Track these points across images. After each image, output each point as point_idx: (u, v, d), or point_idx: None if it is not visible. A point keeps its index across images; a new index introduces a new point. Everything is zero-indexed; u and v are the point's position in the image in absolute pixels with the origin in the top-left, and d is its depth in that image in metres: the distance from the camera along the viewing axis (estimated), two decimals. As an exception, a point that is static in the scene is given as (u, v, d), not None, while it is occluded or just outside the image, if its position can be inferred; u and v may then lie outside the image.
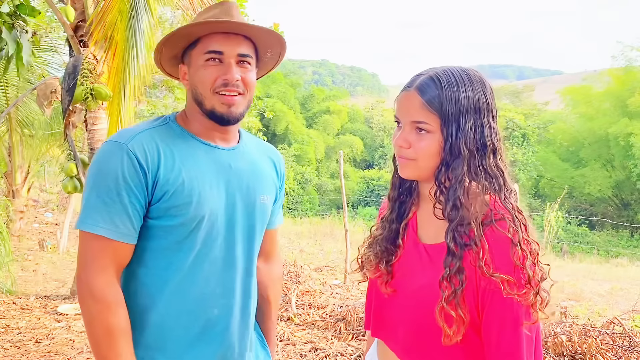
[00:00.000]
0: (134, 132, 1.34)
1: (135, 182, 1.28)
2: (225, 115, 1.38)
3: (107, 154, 1.30)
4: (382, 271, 1.30)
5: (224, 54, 1.36)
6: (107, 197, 1.26)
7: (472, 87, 1.14)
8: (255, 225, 1.49)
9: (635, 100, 22.08)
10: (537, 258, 1.10)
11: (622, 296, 7.25)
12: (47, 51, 7.83)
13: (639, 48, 23.99)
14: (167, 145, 1.35)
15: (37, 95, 5.33)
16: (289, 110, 32.41)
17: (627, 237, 20.94)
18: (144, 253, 1.35)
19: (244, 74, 1.38)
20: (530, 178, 26.02)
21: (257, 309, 1.66)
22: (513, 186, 1.19)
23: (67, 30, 4.31)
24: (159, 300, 1.36)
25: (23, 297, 5.52)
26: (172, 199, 1.31)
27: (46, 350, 3.93)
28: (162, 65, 1.48)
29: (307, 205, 25.43)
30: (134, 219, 1.29)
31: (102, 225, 1.26)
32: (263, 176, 1.53)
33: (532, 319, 1.08)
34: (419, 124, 1.14)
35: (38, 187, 16.21)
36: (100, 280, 1.26)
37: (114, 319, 1.26)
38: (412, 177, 1.22)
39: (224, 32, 1.36)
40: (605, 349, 3.54)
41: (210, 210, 1.36)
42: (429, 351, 1.20)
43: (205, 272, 1.38)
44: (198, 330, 1.39)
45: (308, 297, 5.23)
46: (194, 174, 1.35)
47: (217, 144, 1.44)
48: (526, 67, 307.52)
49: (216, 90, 1.36)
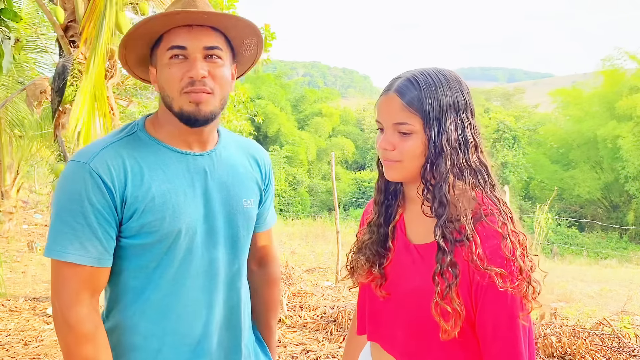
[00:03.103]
0: (98, 148, 1.24)
1: (102, 203, 1.19)
2: (192, 114, 1.25)
3: (70, 176, 1.22)
4: (375, 275, 1.31)
5: (187, 49, 1.23)
6: (74, 222, 1.18)
7: (450, 86, 1.16)
8: (238, 233, 1.40)
9: (623, 103, 22.29)
10: (526, 249, 1.12)
11: (611, 297, 7.31)
12: (37, 51, 7.77)
13: (628, 51, 24.24)
14: (134, 159, 1.25)
15: (26, 95, 5.29)
16: (280, 112, 32.39)
17: (616, 238, 21.11)
18: (122, 273, 1.28)
19: (212, 69, 1.24)
20: (521, 180, 26.19)
21: (255, 313, 1.61)
22: (496, 180, 1.21)
23: (57, 30, 4.28)
24: (141, 321, 1.29)
25: (12, 299, 5.47)
26: (143, 217, 1.23)
27: (35, 353, 3.90)
28: (132, 70, 1.37)
29: (299, 207, 25.39)
30: (105, 241, 1.21)
31: (71, 251, 1.18)
32: (245, 179, 1.44)
33: (527, 309, 1.10)
34: (401, 126, 1.16)
35: (27, 188, 16.05)
36: (76, 310, 1.19)
37: (91, 350, 1.20)
38: (399, 179, 1.23)
39: (187, 25, 1.23)
40: (595, 350, 3.56)
41: (187, 223, 1.27)
42: (429, 351, 1.21)
43: (187, 288, 1.30)
44: (186, 349, 1.32)
45: (299, 299, 5.23)
46: (165, 186, 1.26)
47: (192, 149, 1.34)
48: (517, 69, 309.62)
49: (184, 90, 1.23)
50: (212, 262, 1.34)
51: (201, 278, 1.33)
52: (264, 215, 1.57)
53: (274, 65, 51.84)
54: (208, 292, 1.34)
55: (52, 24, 4.28)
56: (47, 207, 14.51)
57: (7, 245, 8.96)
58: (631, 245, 20.14)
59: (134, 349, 1.30)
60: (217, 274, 1.36)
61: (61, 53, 4.40)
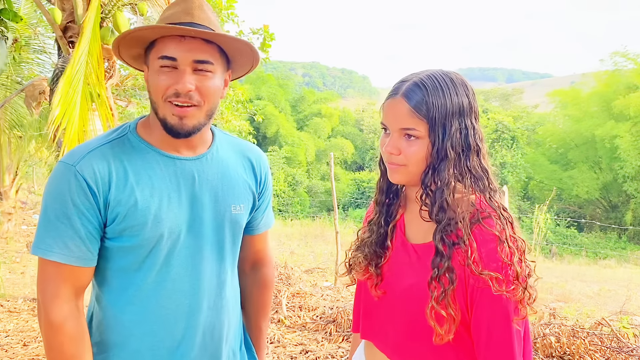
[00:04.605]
0: (86, 150, 1.26)
1: (86, 205, 1.21)
2: (175, 127, 1.25)
3: (56, 177, 1.24)
4: (371, 273, 1.31)
5: (177, 60, 1.22)
6: (58, 222, 1.21)
7: (456, 91, 1.16)
8: (224, 239, 1.39)
9: (620, 103, 22.33)
10: (524, 255, 1.12)
11: (610, 297, 7.31)
12: (37, 51, 7.76)
13: (625, 52, 24.28)
14: (120, 163, 1.26)
15: (25, 96, 5.29)
16: (279, 113, 32.42)
17: (615, 239, 21.14)
18: (105, 273, 1.30)
19: (200, 83, 1.24)
20: (520, 180, 26.23)
21: (246, 315, 1.62)
22: (497, 185, 1.21)
23: (55, 31, 4.27)
24: (121, 321, 1.30)
25: (11, 299, 5.47)
26: (125, 220, 1.24)
27: (34, 354, 3.90)
28: (127, 63, 1.38)
29: (298, 207, 25.42)
30: (88, 241, 1.23)
31: (55, 250, 1.20)
32: (236, 184, 1.42)
33: (521, 315, 1.10)
34: (408, 131, 1.16)
35: (26, 189, 16.04)
36: (58, 308, 1.21)
37: (71, 347, 1.22)
38: (402, 182, 1.24)
39: (179, 35, 1.22)
40: (594, 350, 3.57)
41: (169, 228, 1.28)
42: (420, 350, 1.21)
43: (167, 291, 1.31)
44: (165, 351, 1.32)
45: (298, 299, 5.23)
46: (149, 191, 1.27)
47: (181, 153, 1.33)
48: (516, 70, 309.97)
49: (167, 98, 1.23)
50: (196, 267, 1.34)
51: (183, 282, 1.33)
52: (258, 219, 1.56)
53: (273, 66, 51.85)
54: (190, 297, 1.34)
55: (51, 24, 4.28)
56: (46, 207, 14.47)
57: (6, 246, 8.95)
58: (630, 245, 20.17)
59: (114, 346, 1.32)
60: (200, 278, 1.35)
61: (60, 53, 4.40)
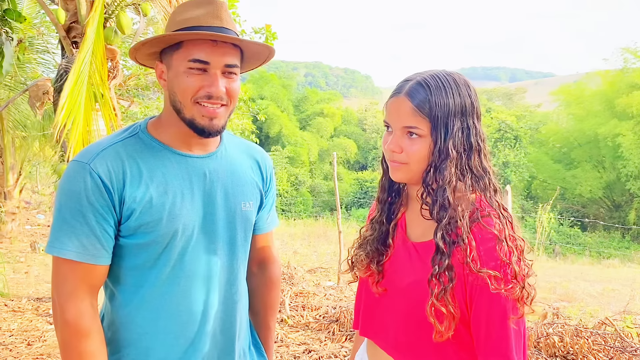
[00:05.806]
0: (99, 148, 1.27)
1: (101, 202, 1.23)
2: (206, 128, 1.29)
3: (70, 175, 1.25)
4: (373, 271, 1.33)
5: (210, 64, 1.25)
6: (74, 220, 1.22)
7: (459, 91, 1.18)
8: (236, 235, 1.42)
9: (623, 101, 22.26)
10: (523, 254, 1.13)
11: (614, 297, 7.29)
12: (40, 51, 7.79)
13: (630, 50, 24.18)
14: (133, 160, 1.28)
15: (29, 96, 5.31)
16: (282, 113, 32.44)
17: (618, 238, 21.07)
18: (120, 271, 1.31)
19: (228, 85, 1.28)
20: (523, 179, 26.18)
21: (254, 313, 1.63)
22: (498, 185, 1.23)
23: (59, 31, 4.29)
24: (135, 319, 1.31)
25: (15, 299, 5.49)
26: (140, 217, 1.26)
27: (38, 353, 3.91)
28: (139, 60, 1.39)
29: (301, 207, 25.42)
30: (103, 239, 1.24)
31: (70, 248, 1.21)
32: (244, 182, 1.45)
33: (519, 313, 1.11)
34: (410, 129, 1.17)
35: (30, 189, 16.10)
36: (73, 306, 1.22)
37: (86, 346, 1.23)
38: (404, 181, 1.25)
39: (212, 40, 1.25)
40: (597, 350, 3.56)
41: (183, 225, 1.30)
42: (420, 347, 1.22)
43: (181, 288, 1.32)
44: (178, 349, 1.34)
45: (301, 299, 5.24)
46: (163, 188, 1.29)
47: (193, 151, 1.36)
48: (518, 69, 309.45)
49: (197, 100, 1.26)
50: (209, 264, 1.36)
51: (197, 279, 1.34)
52: (264, 218, 1.58)
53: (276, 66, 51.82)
54: (204, 294, 1.36)
55: (54, 24, 4.29)
56: (50, 207, 14.54)
57: (10, 246, 8.98)
58: (633, 245, 20.10)
59: (128, 345, 1.32)
60: (213, 275, 1.37)
61: (63, 54, 4.41)
